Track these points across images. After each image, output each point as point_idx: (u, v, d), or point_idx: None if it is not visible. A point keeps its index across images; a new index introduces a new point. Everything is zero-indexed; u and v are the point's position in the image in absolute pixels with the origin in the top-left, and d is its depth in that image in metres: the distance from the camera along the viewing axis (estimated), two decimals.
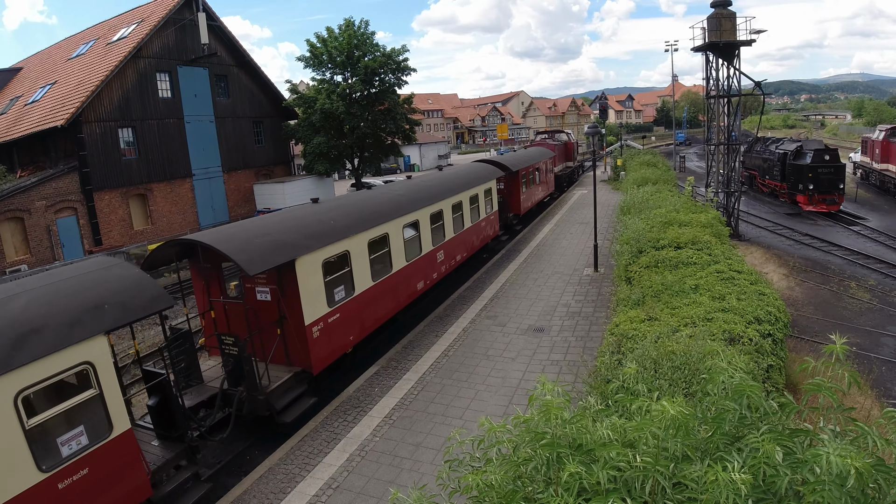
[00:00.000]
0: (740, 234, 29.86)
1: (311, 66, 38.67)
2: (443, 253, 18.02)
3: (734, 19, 28.31)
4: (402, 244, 15.23)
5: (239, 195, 37.37)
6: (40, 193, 26.66)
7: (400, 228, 15.15)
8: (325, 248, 11.82)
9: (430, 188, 18.27)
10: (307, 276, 11.16)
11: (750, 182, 46.02)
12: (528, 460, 3.55)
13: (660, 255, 13.79)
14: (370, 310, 13.58)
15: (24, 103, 33.29)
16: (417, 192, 17.27)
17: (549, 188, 36.21)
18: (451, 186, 19.32)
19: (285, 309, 11.10)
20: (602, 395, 6.61)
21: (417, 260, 16.22)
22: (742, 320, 9.35)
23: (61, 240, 27.47)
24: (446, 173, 21.93)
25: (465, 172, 22.22)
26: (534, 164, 30.62)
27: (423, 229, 16.63)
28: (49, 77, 34.66)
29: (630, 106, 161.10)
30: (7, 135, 30.21)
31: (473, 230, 20.90)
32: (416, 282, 16.23)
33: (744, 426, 3.45)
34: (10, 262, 25.41)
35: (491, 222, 23.06)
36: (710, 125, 32.28)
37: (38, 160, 29.85)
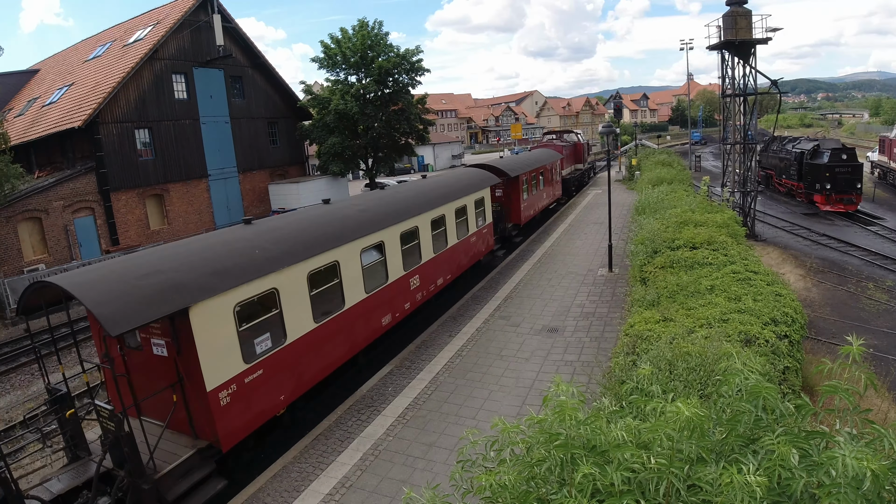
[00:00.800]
0: (757, 235, 29.62)
1: (326, 67, 38.82)
2: (418, 278, 15.45)
3: (750, 17, 28.07)
4: (359, 272, 12.68)
5: (254, 195, 37.61)
6: (58, 194, 26.98)
7: (357, 253, 12.61)
8: (241, 287, 9.28)
9: (406, 200, 15.87)
10: (210, 328, 8.65)
11: (766, 182, 45.63)
12: (541, 461, 3.55)
13: (675, 256, 13.72)
14: (311, 359, 11.02)
15: (42, 105, 33.72)
16: (386, 207, 14.80)
17: (556, 193, 34.06)
18: (431, 198, 16.86)
19: (182, 369, 8.70)
20: (616, 397, 6.59)
21: (382, 290, 13.64)
22: (758, 321, 9.28)
23: (79, 240, 27.78)
24: (430, 182, 19.29)
25: (453, 180, 19.63)
26: (537, 167, 28.33)
27: (391, 252, 14.07)
28: (66, 79, 35.07)
29: (645, 105, 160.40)
30: (25, 136, 30.57)
31: (460, 248, 18.38)
32: (380, 316, 13.59)
33: (759, 428, 3.42)
34: (28, 262, 25.73)
35: (483, 236, 20.44)
36: (725, 124, 32.02)
37: (55, 161, 30.22)
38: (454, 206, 17.84)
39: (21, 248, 25.69)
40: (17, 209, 25.28)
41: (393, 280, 14.12)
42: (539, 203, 29.16)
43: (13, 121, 32.73)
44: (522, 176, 25.30)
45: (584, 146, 46.82)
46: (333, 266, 11.81)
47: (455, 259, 18.01)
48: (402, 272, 14.59)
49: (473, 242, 19.54)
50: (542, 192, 29.93)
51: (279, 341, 10.14)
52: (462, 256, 18.64)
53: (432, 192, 17.43)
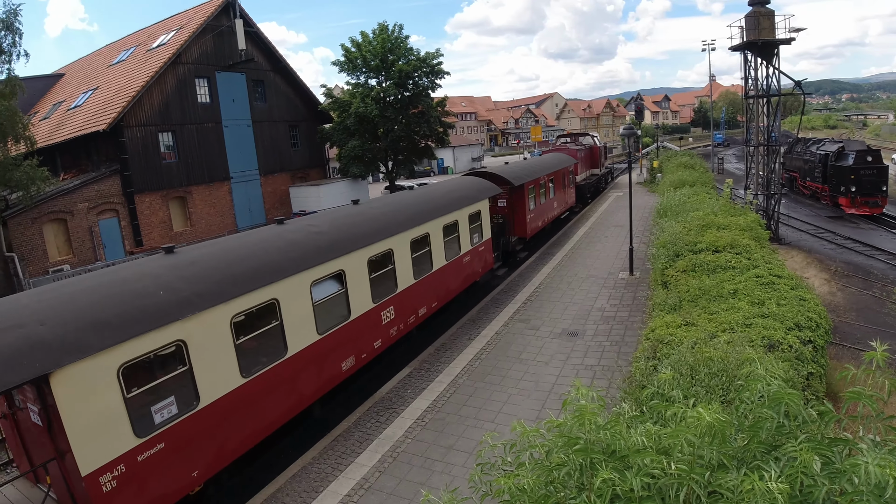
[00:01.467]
0: (780, 238, 29.23)
1: (346, 71, 39.05)
2: (392, 310, 13.16)
3: (773, 17, 27.74)
4: (309, 310, 10.37)
5: (275, 198, 37.93)
6: (83, 196, 27.44)
7: (306, 287, 10.34)
8: (129, 343, 7.27)
9: (379, 218, 13.58)
10: (83, 397, 6.80)
11: (790, 184, 45.02)
12: (560, 465, 3.54)
13: (697, 259, 13.58)
14: (237, 423, 8.83)
15: (67, 108, 34.34)
16: (352, 228, 12.42)
17: (569, 201, 31.86)
18: (413, 214, 14.62)
19: (55, 446, 7.10)
20: (637, 401, 6.56)
21: (343, 328, 11.31)
22: (782, 326, 9.15)
23: (103, 241, 28.21)
24: (415, 195, 17.09)
25: (443, 193, 17.50)
26: (547, 174, 26.46)
27: (355, 282, 11.76)
28: (91, 83, 35.68)
29: (666, 107, 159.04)
30: (50, 139, 31.15)
31: (450, 270, 16.16)
32: (339, 359, 11.25)
33: (781, 435, 3.39)
34: (53, 262, 26.18)
35: (480, 255, 18.29)
36: (748, 126, 31.66)
37: (80, 163, 30.75)
38: (442, 223, 15.68)
39: (46, 249, 26.15)
40: (43, 211, 25.75)
41: (358, 315, 11.83)
42: (549, 213, 27.14)
43: (39, 124, 33.33)
44: (528, 184, 23.34)
45: (600, 149, 44.47)
46: (271, 305, 9.58)
47: (442, 284, 15.80)
48: (371, 304, 12.31)
49: (467, 263, 17.38)
50: (553, 201, 27.87)
51: (189, 405, 8.07)
52: (452, 280, 16.40)
53: (416, 207, 15.18)
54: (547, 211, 26.68)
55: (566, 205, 31.08)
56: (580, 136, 44.50)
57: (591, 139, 43.88)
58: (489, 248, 19.20)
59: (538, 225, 25.20)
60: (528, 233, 23.58)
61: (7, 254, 24.38)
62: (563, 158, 31.32)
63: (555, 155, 32.45)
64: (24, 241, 25.17)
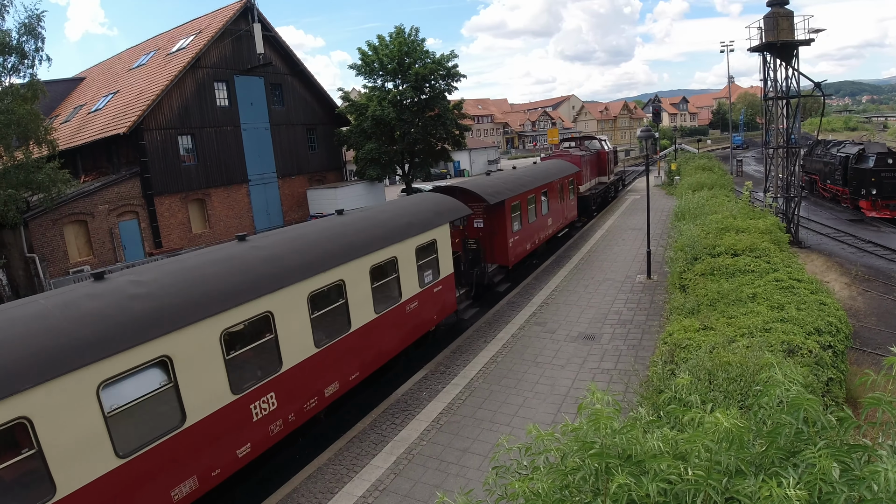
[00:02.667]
0: (800, 241, 28.92)
1: (363, 74, 39.22)
2: (273, 398, 9.29)
3: (791, 18, 27.48)
4: (100, 426, 6.86)
5: (293, 200, 38.18)
6: (103, 198, 27.80)
7: (91, 391, 6.82)
8: None
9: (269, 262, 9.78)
10: None
11: (810, 187, 44.53)
12: (576, 470, 3.53)
13: (716, 263, 13.47)
14: None
15: (88, 111, 34.82)
16: (201, 284, 8.65)
17: (569, 216, 28.03)
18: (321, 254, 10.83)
19: None
20: (653, 406, 6.52)
21: (165, 443, 7.62)
22: (801, 331, 9.05)
23: (123, 242, 28.55)
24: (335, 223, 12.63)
25: (383, 218, 13.60)
26: (539, 186, 22.68)
27: (199, 368, 8.06)
28: (111, 86, 36.16)
29: (684, 109, 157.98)
30: (71, 141, 31.57)
31: (384, 324, 12.36)
32: (166, 487, 7.66)
33: (800, 441, 3.36)
34: (74, 263, 26.55)
35: (435, 297, 14.52)
36: (768, 128, 31.41)
37: (101, 166, 31.18)
38: (368, 263, 11.83)
39: (67, 250, 26.52)
40: (64, 212, 26.13)
41: (199, 420, 8.04)
42: (541, 233, 23.40)
43: (60, 127, 33.79)
44: (511, 201, 19.56)
45: (608, 154, 39.50)
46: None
47: (369, 346, 11.95)
48: (231, 397, 8.51)
49: (412, 311, 13.56)
50: (547, 218, 24.14)
51: None
52: (386, 337, 12.56)
53: (326, 244, 11.27)
54: (538, 231, 22.96)
55: (565, 220, 27.43)
56: (586, 139, 40.65)
57: (599, 143, 39.63)
58: (450, 287, 15.39)
59: (525, 248, 21.49)
60: (510, 260, 19.85)
61: (28, 255, 24.79)
62: (562, 166, 27.88)
63: (553, 163, 29.01)
64: (46, 243, 25.54)
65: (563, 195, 26.60)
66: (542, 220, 23.31)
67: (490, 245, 19.29)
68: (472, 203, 18.00)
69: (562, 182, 26.14)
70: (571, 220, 28.73)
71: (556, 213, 25.35)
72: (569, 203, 27.82)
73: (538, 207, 22.73)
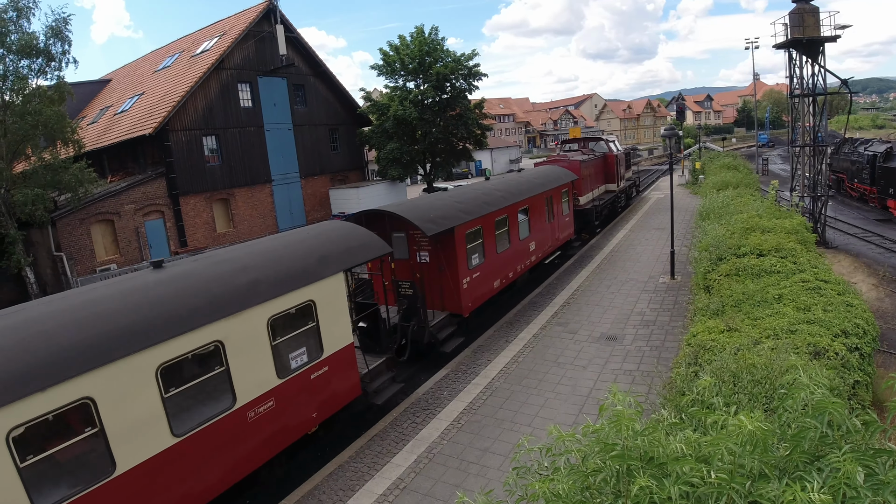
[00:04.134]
0: (827, 242, 28.40)
1: (384, 74, 39.38)
2: None
3: (817, 14, 27.00)
4: None
5: (315, 200, 38.46)
6: (129, 197, 28.26)
7: None
8: None
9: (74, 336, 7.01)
10: None
11: (837, 186, 43.70)
12: (597, 471, 3.52)
13: (741, 263, 13.29)
14: None
15: (114, 113, 35.41)
16: None
17: (561, 235, 23.37)
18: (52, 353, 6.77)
19: None
20: (676, 408, 6.46)
21: None
22: (828, 333, 8.90)
23: (149, 241, 28.99)
24: (148, 282, 8.60)
25: (229, 269, 9.39)
26: (514, 203, 18.26)
27: None
28: (137, 88, 36.73)
29: (709, 107, 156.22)
30: (98, 142, 32.14)
31: (207, 444, 8.21)
32: None
33: (825, 444, 3.31)
34: (101, 262, 27.03)
35: (314, 386, 10.15)
36: (794, 126, 30.84)
37: (127, 166, 31.73)
38: (154, 363, 7.56)
39: (94, 249, 26.99)
40: (91, 212, 26.62)
41: None
42: (517, 263, 18.82)
43: (87, 128, 34.41)
44: (464, 228, 15.13)
45: (617, 158, 33.65)
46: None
47: (207, 462, 8.24)
48: None
49: (265, 417, 9.10)
50: (527, 243, 19.59)
51: None
52: (206, 471, 8.24)
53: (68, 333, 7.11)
54: (513, 261, 18.50)
55: (556, 241, 22.82)
56: (591, 140, 35.08)
57: (606, 145, 34.02)
58: (347, 363, 10.81)
59: (492, 287, 16.95)
60: (465, 306, 15.31)
61: (56, 253, 25.31)
62: (554, 175, 23.30)
63: (544, 170, 24.22)
64: (73, 241, 26.04)
65: (554, 210, 22.26)
66: (519, 246, 18.97)
67: (437, 287, 15.15)
68: (413, 232, 14.84)
69: (551, 194, 21.84)
70: (566, 239, 24.20)
71: (541, 234, 20.93)
72: (561, 220, 23.28)
73: (513, 231, 18.40)
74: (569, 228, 24.51)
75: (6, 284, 25.89)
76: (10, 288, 25.70)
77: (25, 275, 24.06)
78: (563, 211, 23.42)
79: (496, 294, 17.36)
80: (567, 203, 24.08)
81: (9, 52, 22.48)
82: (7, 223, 23.07)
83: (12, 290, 25.61)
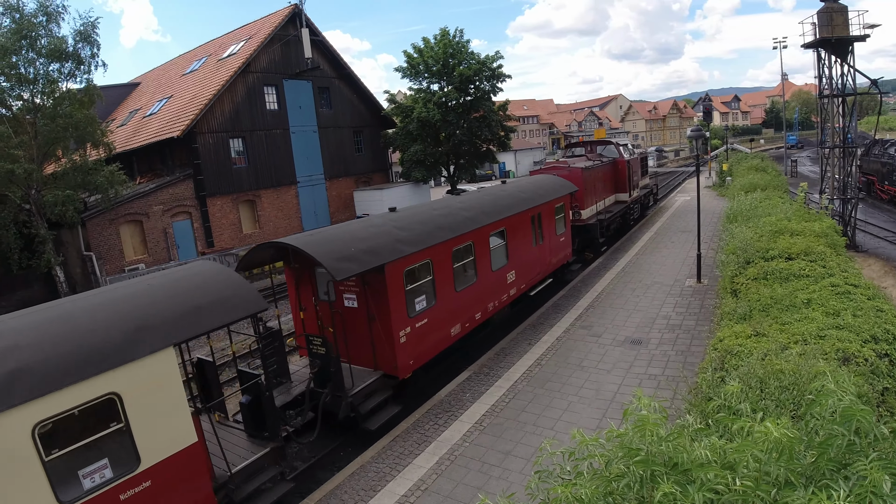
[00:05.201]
0: (857, 245, 27.85)
1: (409, 76, 39.50)
2: None
3: (846, 13, 26.51)
4: None
5: (340, 201, 38.76)
6: (158, 199, 28.79)
7: None
8: None
9: None
10: None
11: (868, 188, 42.82)
12: (620, 476, 3.51)
13: (769, 267, 13.09)
14: None
15: (143, 115, 36.12)
16: None
17: (553, 260, 19.71)
18: None
19: None
20: (702, 414, 6.39)
21: None
22: (857, 339, 8.74)
23: (176, 241, 29.49)
24: None
25: None
26: (485, 226, 14.86)
27: None
28: (165, 91, 37.42)
29: (736, 107, 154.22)
30: (127, 144, 32.81)
31: None
32: None
33: (852, 452, 3.26)
34: (130, 261, 27.57)
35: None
36: (823, 127, 30.30)
37: (155, 168, 32.33)
38: None
39: (123, 249, 27.57)
40: (120, 212, 27.19)
41: None
42: (488, 301, 15.22)
43: (116, 130, 35.12)
44: (401, 265, 11.70)
45: (629, 164, 29.60)
46: None
47: None
48: None
49: None
50: (504, 274, 16.07)
51: None
52: None
53: None
54: (479, 300, 14.79)
55: (547, 267, 19.20)
56: (599, 144, 30.80)
57: (617, 149, 29.70)
58: (191, 471, 7.70)
59: (447, 335, 13.44)
60: (404, 365, 11.92)
61: (85, 253, 25.87)
62: (549, 186, 19.75)
63: (536, 181, 20.62)
64: (102, 241, 26.59)
65: (544, 230, 18.59)
66: (491, 278, 15.27)
67: (367, 340, 11.83)
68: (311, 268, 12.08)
69: (539, 211, 18.15)
70: (561, 263, 20.48)
71: (524, 261, 17.28)
72: (554, 241, 19.55)
73: (482, 261, 14.79)
74: (564, 249, 20.69)
75: (36, 283, 26.57)
76: (41, 287, 26.37)
77: (55, 274, 24.63)
78: (556, 230, 19.67)
79: (457, 342, 13.83)
80: (563, 220, 20.29)
81: (39, 56, 23.03)
82: (38, 223, 23.63)
83: (42, 288, 26.27)
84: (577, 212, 23.23)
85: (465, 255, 14.15)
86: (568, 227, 21.03)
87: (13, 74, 22.67)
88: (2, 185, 22.39)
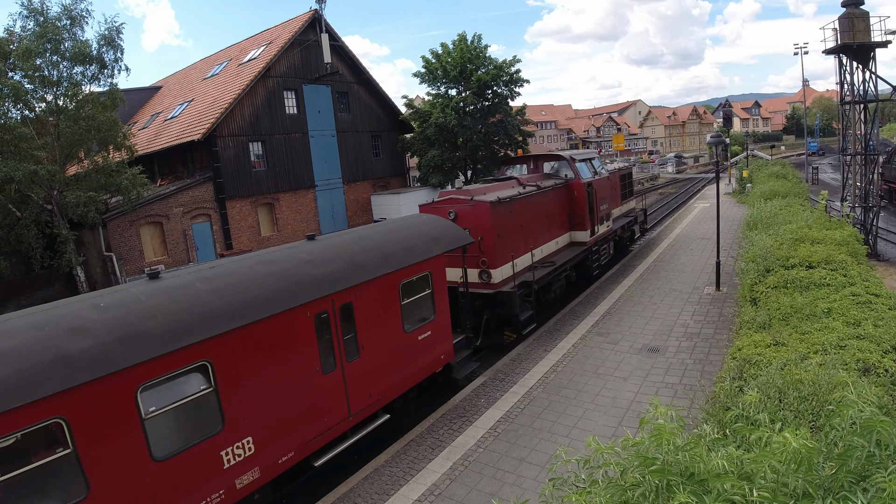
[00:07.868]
0: (879, 254, 27.45)
1: (426, 81, 39.64)
2: None
3: (867, 19, 26.22)
4: None
5: (357, 205, 38.93)
6: (178, 201, 29.09)
7: None
8: None
9: None
10: None
11: (890, 196, 42.23)
12: (635, 485, 3.49)
13: (789, 275, 12.93)
14: None
15: (164, 119, 36.56)
16: None
17: (393, 381, 11.10)
18: None
19: None
20: (719, 423, 6.34)
21: None
22: (878, 349, 8.61)
23: (196, 243, 29.76)
24: None
25: None
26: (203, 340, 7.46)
27: None
28: (186, 95, 37.85)
29: (757, 113, 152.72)
30: (148, 147, 33.22)
31: None
32: None
33: (871, 464, 3.22)
34: (149, 262, 27.86)
35: None
36: (845, 134, 29.94)
37: (176, 170, 32.73)
38: None
39: (143, 250, 27.86)
40: (141, 214, 27.49)
41: None
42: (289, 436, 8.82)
43: (138, 133, 35.55)
44: None
45: (590, 187, 20.42)
46: None
47: None
48: None
49: None
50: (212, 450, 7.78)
51: None
52: None
53: None
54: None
55: (377, 396, 10.70)
56: (549, 159, 21.68)
57: (572, 167, 20.38)
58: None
59: None
60: None
61: (106, 253, 26.22)
62: (412, 239, 12.04)
63: (392, 231, 12.31)
64: (123, 242, 26.91)
65: (386, 325, 10.92)
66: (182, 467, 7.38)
67: None
68: None
69: (349, 301, 9.97)
70: (420, 377, 12.04)
71: (300, 404, 9.08)
72: (401, 347, 11.31)
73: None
74: (430, 351, 12.26)
75: (57, 283, 26.97)
76: (61, 286, 26.76)
77: (76, 274, 24.98)
78: (402, 324, 11.33)
79: None
80: (431, 297, 12.27)
81: (63, 59, 23.40)
82: (59, 224, 23.99)
83: (63, 288, 26.66)
84: (484, 273, 15.52)
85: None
86: (441, 312, 12.58)
87: (37, 77, 23.05)
88: (24, 186, 22.76)
